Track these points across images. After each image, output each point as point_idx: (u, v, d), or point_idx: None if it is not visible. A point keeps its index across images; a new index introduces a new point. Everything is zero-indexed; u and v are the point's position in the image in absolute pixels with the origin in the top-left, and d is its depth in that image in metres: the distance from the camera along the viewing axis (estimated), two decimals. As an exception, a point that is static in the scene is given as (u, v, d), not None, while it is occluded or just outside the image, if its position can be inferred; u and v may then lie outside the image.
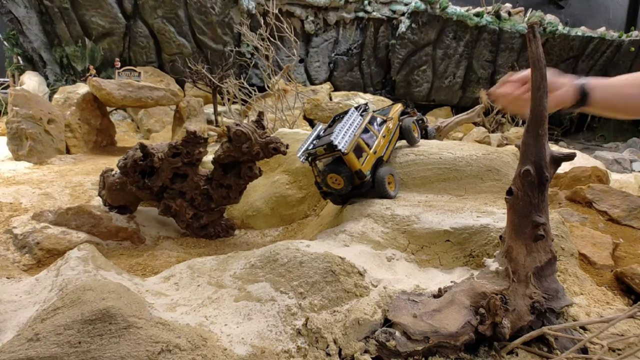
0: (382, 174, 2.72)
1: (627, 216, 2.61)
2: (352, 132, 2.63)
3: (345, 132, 2.58)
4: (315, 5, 11.93)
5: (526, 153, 1.42)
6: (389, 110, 3.46)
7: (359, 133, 2.71)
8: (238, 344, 1.25)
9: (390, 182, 2.81)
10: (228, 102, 8.15)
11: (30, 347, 0.85)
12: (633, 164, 8.28)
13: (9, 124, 5.12)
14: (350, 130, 2.64)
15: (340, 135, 2.52)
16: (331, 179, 2.63)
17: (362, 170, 2.58)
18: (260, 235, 3.35)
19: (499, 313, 1.30)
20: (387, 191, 2.72)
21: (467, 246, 2.25)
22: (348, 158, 2.54)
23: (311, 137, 2.80)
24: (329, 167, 2.64)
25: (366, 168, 2.64)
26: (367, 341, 1.41)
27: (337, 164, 2.62)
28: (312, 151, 2.62)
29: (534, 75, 1.33)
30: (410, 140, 3.27)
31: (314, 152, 2.60)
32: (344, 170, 2.57)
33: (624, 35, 13.23)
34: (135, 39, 10.60)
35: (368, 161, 2.70)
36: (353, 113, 2.78)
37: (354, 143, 2.60)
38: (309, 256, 1.86)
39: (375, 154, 2.78)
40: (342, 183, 2.58)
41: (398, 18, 12.58)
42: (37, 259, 2.49)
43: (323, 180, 2.62)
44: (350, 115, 2.74)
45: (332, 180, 2.63)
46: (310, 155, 2.67)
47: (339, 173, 2.55)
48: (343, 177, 2.56)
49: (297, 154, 2.65)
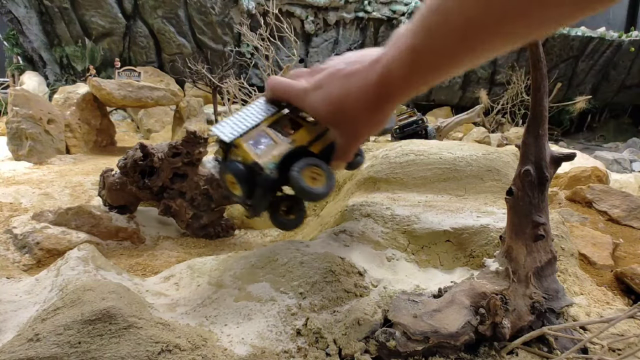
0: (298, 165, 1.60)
1: (627, 216, 2.61)
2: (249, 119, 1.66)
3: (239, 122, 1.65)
4: (315, 5, 11.93)
5: (526, 153, 1.42)
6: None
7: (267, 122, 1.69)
8: (238, 344, 1.25)
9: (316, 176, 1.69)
10: (228, 102, 8.15)
11: (30, 347, 0.85)
12: (633, 164, 8.28)
13: (8, 124, 5.13)
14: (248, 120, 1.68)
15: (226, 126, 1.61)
16: (230, 182, 1.73)
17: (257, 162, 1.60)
18: (260, 235, 3.35)
19: (499, 313, 1.30)
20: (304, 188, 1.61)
21: (468, 246, 2.25)
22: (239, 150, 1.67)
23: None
24: (223, 165, 1.78)
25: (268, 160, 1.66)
26: (367, 341, 1.41)
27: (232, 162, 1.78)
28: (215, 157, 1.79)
29: (534, 75, 1.33)
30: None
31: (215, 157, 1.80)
32: (235, 167, 1.64)
33: (624, 35, 13.23)
34: (135, 39, 10.60)
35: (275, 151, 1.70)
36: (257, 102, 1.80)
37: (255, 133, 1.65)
38: (309, 256, 1.86)
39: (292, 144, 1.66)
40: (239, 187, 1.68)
41: (398, 18, 12.58)
42: (37, 259, 2.49)
43: (225, 187, 1.76)
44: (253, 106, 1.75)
45: (230, 183, 1.73)
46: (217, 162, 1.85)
47: (230, 170, 1.69)
48: (234, 175, 1.66)
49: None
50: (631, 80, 14.12)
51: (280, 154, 1.58)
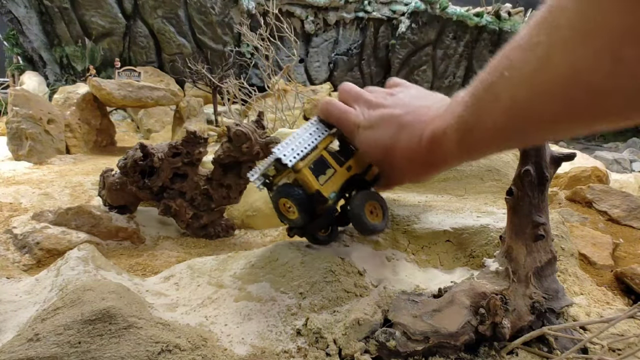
0: (359, 199, 1.76)
1: (627, 216, 2.61)
2: (309, 143, 1.76)
3: (299, 143, 1.74)
4: (315, 5, 11.93)
5: (526, 153, 1.42)
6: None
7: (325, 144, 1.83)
8: (238, 344, 1.25)
9: (373, 210, 1.85)
10: (228, 102, 8.15)
11: (30, 347, 0.85)
12: (633, 164, 8.28)
13: (8, 124, 5.13)
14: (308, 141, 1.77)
15: (288, 147, 1.71)
16: (284, 206, 1.84)
17: (320, 191, 1.73)
18: (260, 235, 3.35)
19: (499, 313, 1.31)
20: (366, 223, 1.73)
21: (468, 246, 2.25)
22: (300, 176, 1.77)
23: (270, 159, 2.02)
24: (280, 188, 1.84)
25: (330, 189, 1.77)
26: (367, 341, 1.42)
27: (290, 186, 1.88)
28: (264, 172, 1.85)
29: (534, 75, 1.33)
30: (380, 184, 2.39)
31: (265, 173, 1.85)
32: (295, 192, 1.75)
33: (624, 35, 13.24)
34: (135, 39, 10.61)
35: (335, 179, 1.83)
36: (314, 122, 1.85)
37: (313, 156, 1.77)
38: (309, 256, 1.87)
39: (349, 170, 1.81)
40: (296, 212, 1.79)
41: (398, 18, 12.59)
42: (37, 259, 2.49)
43: (275, 208, 1.83)
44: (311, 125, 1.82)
45: (285, 207, 1.84)
46: (265, 178, 1.92)
47: (289, 195, 1.79)
48: (294, 202, 1.76)
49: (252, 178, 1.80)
50: (631, 80, 14.16)
51: (341, 182, 1.72)
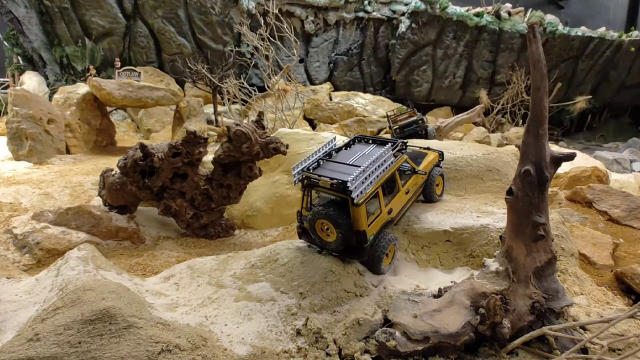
0: (384, 243, 2.05)
1: (627, 216, 2.61)
2: (376, 177, 1.97)
3: (369, 175, 1.92)
4: (315, 5, 11.93)
5: (526, 153, 1.42)
6: (422, 158, 2.75)
7: (382, 180, 2.07)
8: (238, 344, 1.25)
9: (389, 253, 2.14)
10: (228, 102, 8.14)
11: (30, 347, 0.85)
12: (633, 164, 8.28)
13: (9, 124, 5.13)
14: (376, 174, 1.97)
15: (360, 178, 1.86)
16: (321, 226, 1.95)
17: (366, 232, 1.92)
18: (260, 235, 3.35)
19: (499, 313, 1.30)
20: (379, 268, 2.04)
21: (467, 246, 2.25)
22: (357, 211, 1.91)
23: (319, 153, 2.21)
24: (324, 209, 1.94)
25: (372, 231, 1.98)
26: (367, 341, 1.41)
27: (337, 209, 1.94)
28: (313, 177, 1.99)
29: (534, 75, 1.33)
30: (429, 196, 2.69)
31: (316, 180, 1.99)
32: (343, 223, 1.89)
33: (624, 36, 13.23)
34: (135, 39, 10.60)
35: (377, 222, 2.05)
36: (387, 152, 2.08)
37: (372, 192, 2.00)
38: (309, 256, 1.86)
39: (389, 214, 2.16)
40: (334, 237, 1.90)
41: (398, 18, 12.58)
42: (37, 259, 2.49)
43: (310, 222, 1.95)
44: (383, 155, 2.04)
45: (321, 227, 1.95)
46: (307, 180, 2.05)
47: (335, 224, 1.87)
48: (338, 232, 1.89)
49: (294, 171, 2.06)
50: (631, 80, 14.13)
51: (380, 225, 2.03)
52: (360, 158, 2.11)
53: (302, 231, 2.07)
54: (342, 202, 1.92)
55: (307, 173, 1.99)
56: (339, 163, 2.08)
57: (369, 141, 2.36)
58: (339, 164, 2.07)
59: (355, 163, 2.04)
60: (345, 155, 2.16)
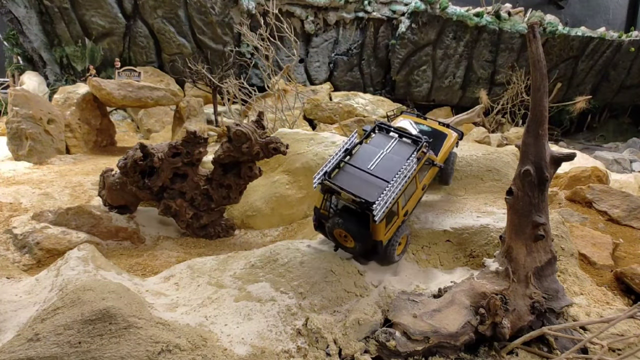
0: (396, 237, 2.17)
1: (627, 216, 2.61)
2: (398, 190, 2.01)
3: (392, 192, 1.96)
4: (315, 5, 11.93)
5: (526, 153, 1.42)
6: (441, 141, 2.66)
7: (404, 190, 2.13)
8: (238, 344, 1.25)
9: (402, 241, 2.26)
10: (228, 102, 8.14)
11: (30, 347, 0.85)
12: (633, 164, 8.28)
13: (9, 124, 5.13)
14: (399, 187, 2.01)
15: (385, 199, 1.92)
16: (339, 234, 2.07)
17: (382, 241, 2.08)
18: (260, 235, 3.35)
19: (499, 313, 1.30)
20: (392, 257, 2.18)
21: (468, 246, 2.25)
22: (377, 226, 2.03)
23: (340, 151, 2.22)
24: (344, 220, 2.03)
25: (388, 237, 2.12)
26: (367, 341, 1.41)
27: (356, 223, 2.04)
28: (335, 187, 2.03)
29: (534, 75, 1.33)
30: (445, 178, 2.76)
31: (338, 190, 2.03)
32: (362, 235, 2.01)
33: (624, 36, 13.23)
34: (135, 39, 10.60)
35: (394, 227, 2.17)
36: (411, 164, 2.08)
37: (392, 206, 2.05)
38: (309, 256, 1.87)
39: (405, 215, 2.25)
40: (352, 244, 2.04)
41: (398, 18, 12.57)
42: (37, 259, 2.49)
43: (329, 230, 2.06)
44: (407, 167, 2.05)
45: (340, 235, 2.07)
46: (329, 187, 2.09)
47: (354, 237, 1.98)
48: (357, 243, 2.02)
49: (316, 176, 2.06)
50: (631, 80, 14.14)
51: (396, 229, 2.12)
52: (381, 162, 2.11)
53: (319, 224, 2.19)
54: (360, 214, 2.02)
55: (329, 181, 2.03)
56: (360, 170, 2.08)
57: (389, 132, 2.32)
58: (360, 171, 2.08)
59: (377, 172, 2.05)
60: (366, 156, 2.16)
